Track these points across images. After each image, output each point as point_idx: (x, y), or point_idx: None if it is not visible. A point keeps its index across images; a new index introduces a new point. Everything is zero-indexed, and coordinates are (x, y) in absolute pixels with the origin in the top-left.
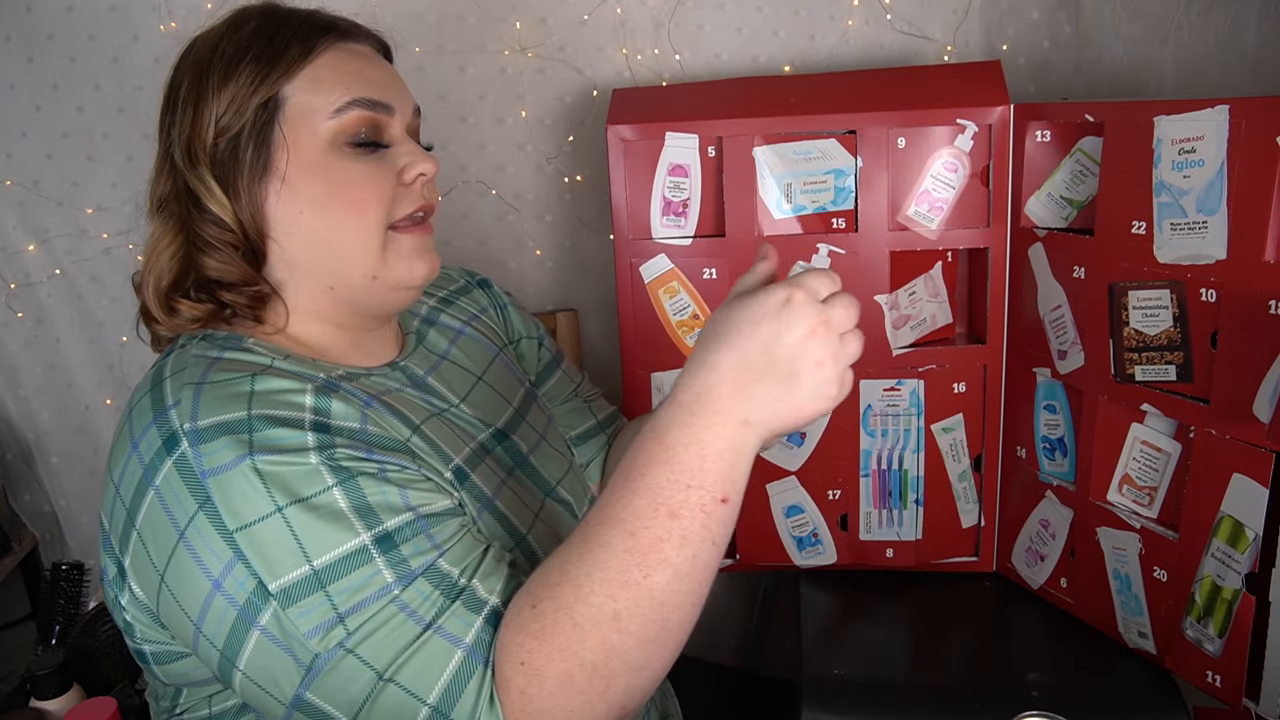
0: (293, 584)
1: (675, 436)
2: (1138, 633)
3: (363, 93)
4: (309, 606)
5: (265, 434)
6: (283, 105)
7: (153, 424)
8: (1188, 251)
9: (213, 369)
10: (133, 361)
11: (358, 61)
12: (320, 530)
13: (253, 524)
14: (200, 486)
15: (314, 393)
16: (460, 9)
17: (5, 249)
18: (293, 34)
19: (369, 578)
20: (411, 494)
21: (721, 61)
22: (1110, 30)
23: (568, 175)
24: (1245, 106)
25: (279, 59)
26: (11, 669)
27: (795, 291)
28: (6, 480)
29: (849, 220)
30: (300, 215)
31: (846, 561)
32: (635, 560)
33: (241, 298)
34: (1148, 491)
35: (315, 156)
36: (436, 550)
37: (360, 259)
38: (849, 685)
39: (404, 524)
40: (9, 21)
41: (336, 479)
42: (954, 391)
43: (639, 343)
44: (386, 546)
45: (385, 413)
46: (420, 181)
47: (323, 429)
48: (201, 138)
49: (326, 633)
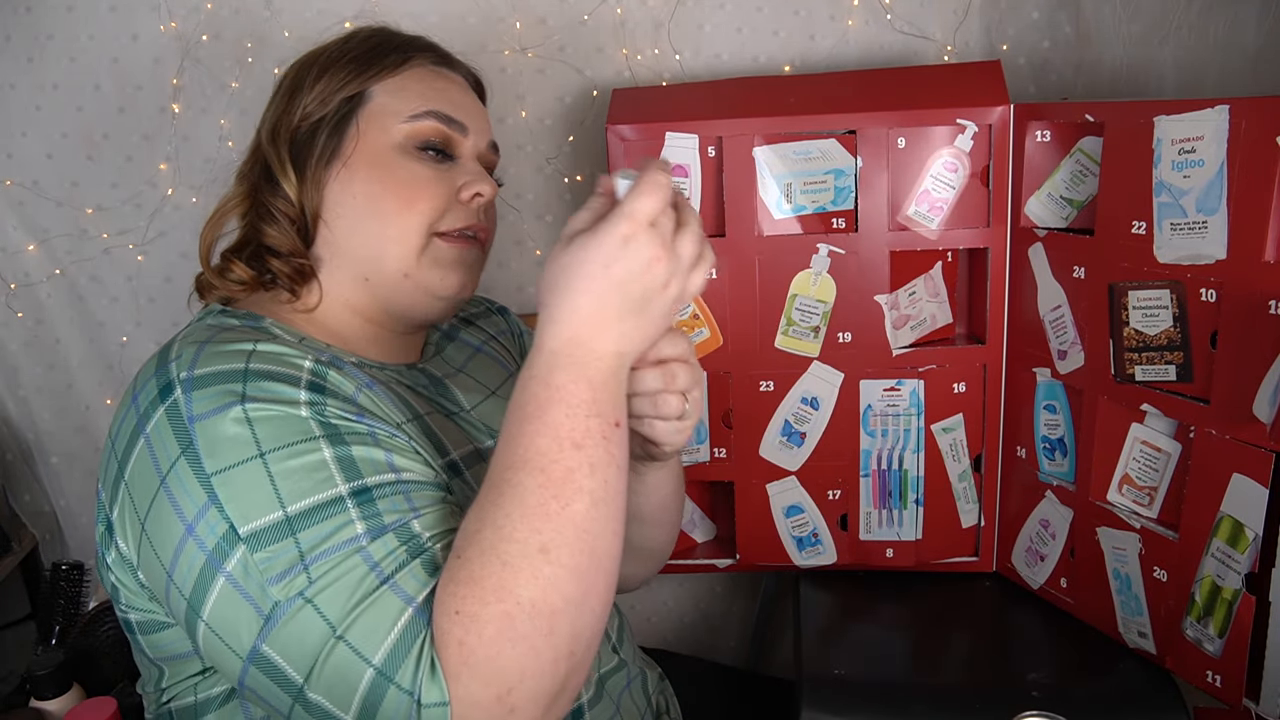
0: (263, 528)
1: (560, 378)
2: (1138, 633)
3: (441, 107)
4: (276, 552)
5: (259, 384)
6: (366, 101)
7: (153, 376)
8: (1188, 251)
9: (220, 334)
10: (133, 361)
11: (445, 81)
12: (299, 477)
13: (231, 468)
14: (185, 431)
15: (314, 361)
16: (460, 9)
17: (5, 249)
18: (393, 47)
19: (339, 527)
20: (397, 458)
21: (721, 61)
22: (1110, 30)
23: (568, 175)
24: (1245, 106)
25: (374, 63)
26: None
27: (631, 227)
28: (6, 480)
29: (849, 220)
30: (353, 199)
31: (846, 561)
32: (551, 493)
33: (286, 266)
34: (1148, 491)
35: (381, 151)
36: (413, 512)
37: (397, 253)
38: (849, 685)
39: (384, 483)
40: (9, 21)
41: (324, 431)
42: (954, 391)
43: None
44: (363, 499)
45: (383, 396)
46: (476, 202)
47: (317, 388)
48: (288, 120)
49: (290, 580)
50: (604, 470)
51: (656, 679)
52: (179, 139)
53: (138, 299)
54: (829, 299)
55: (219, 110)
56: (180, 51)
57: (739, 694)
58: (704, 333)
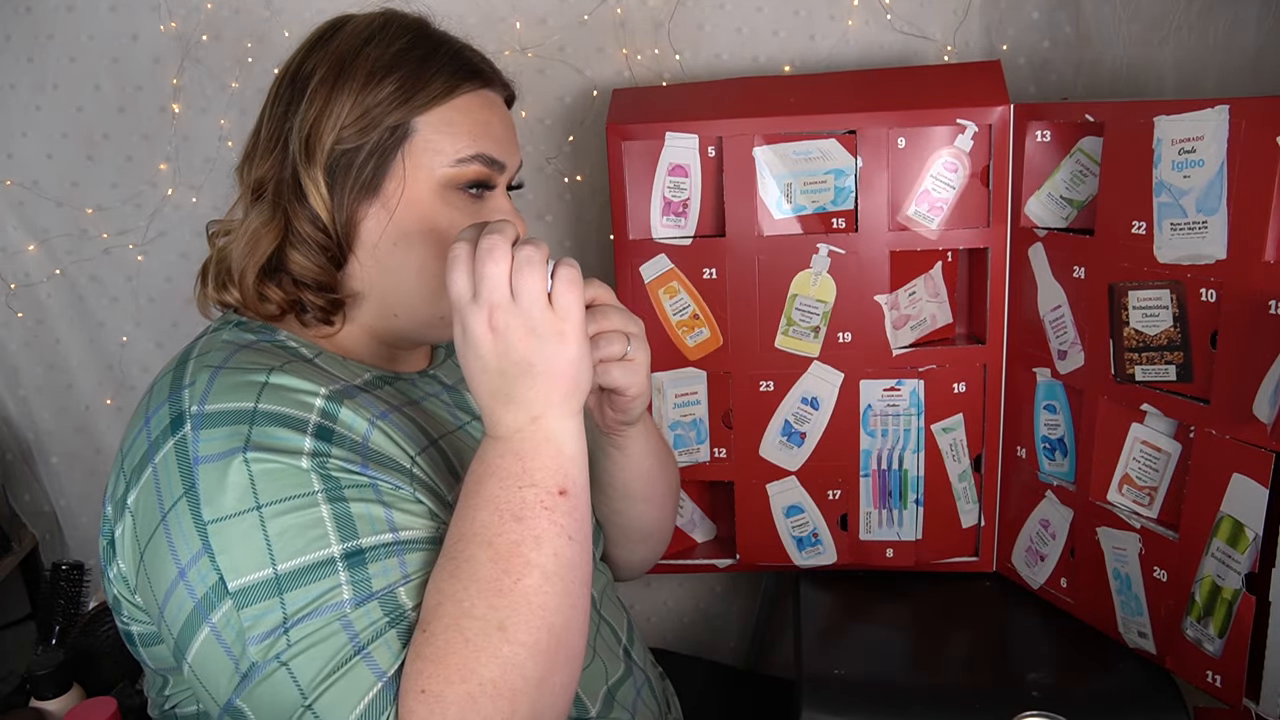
0: (251, 585)
1: (491, 453)
2: (1138, 633)
3: (487, 149)
4: (261, 611)
5: (265, 430)
6: (411, 135)
7: (166, 402)
8: (1188, 251)
9: (235, 356)
10: (133, 361)
11: (489, 113)
12: (293, 535)
13: (228, 518)
14: (190, 472)
15: (327, 396)
16: (460, 9)
17: (5, 249)
18: (441, 67)
19: (327, 590)
20: (397, 515)
21: (721, 61)
22: (1110, 30)
23: (568, 175)
24: (1245, 106)
25: (422, 89)
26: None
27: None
28: (6, 480)
29: (849, 220)
30: (393, 246)
31: (846, 561)
32: (501, 568)
33: (320, 299)
34: (1148, 491)
35: (424, 195)
36: (403, 579)
37: (435, 301)
38: (849, 685)
39: (379, 544)
40: (9, 21)
41: (324, 486)
42: (954, 391)
43: None
44: (355, 562)
45: (399, 427)
46: None
47: (324, 435)
48: (323, 137)
49: (270, 642)
50: (551, 542)
51: (658, 678)
52: (179, 139)
53: (138, 299)
54: (829, 299)
55: (219, 110)
56: (180, 51)
57: (739, 694)
58: (704, 333)
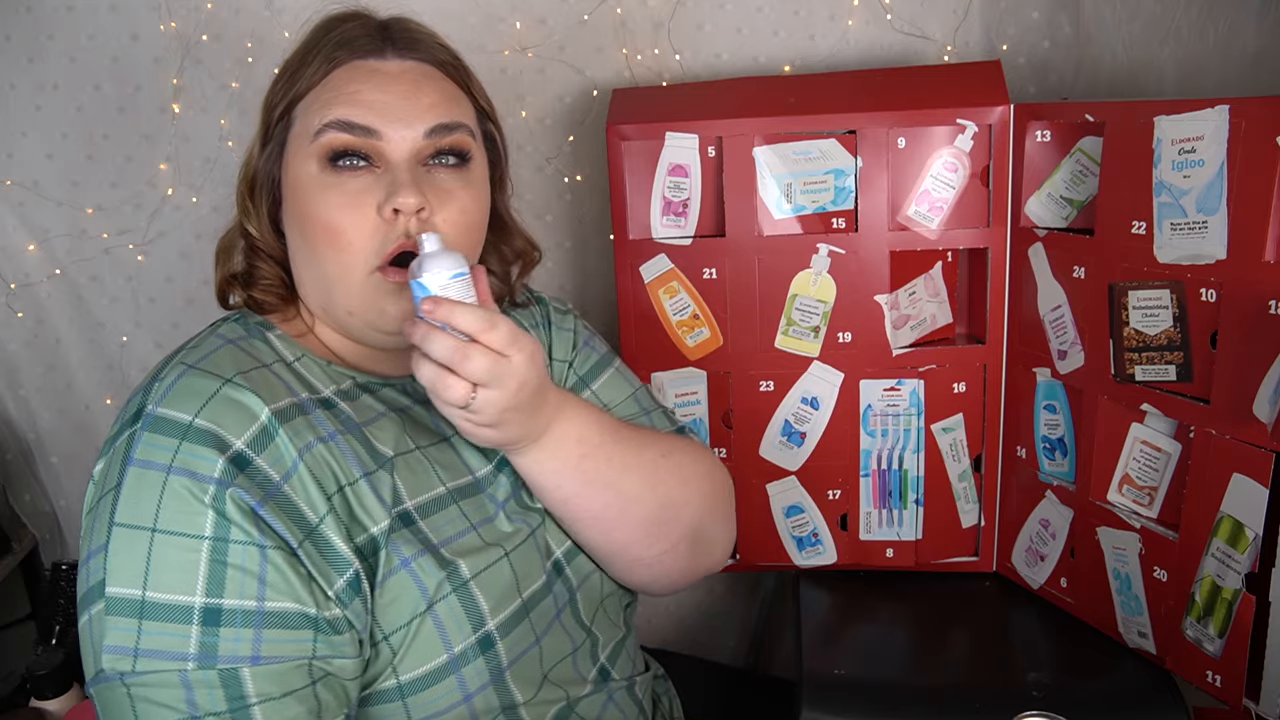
0: (120, 598)
1: None
2: (1138, 633)
3: (343, 115)
4: (120, 625)
5: (190, 448)
6: (292, 125)
7: (142, 390)
8: (1188, 251)
9: (212, 355)
10: (133, 361)
11: (364, 80)
12: (169, 569)
13: (128, 527)
14: (123, 469)
15: (272, 414)
16: (460, 9)
17: (5, 249)
18: (321, 49)
19: (177, 636)
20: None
21: (721, 61)
22: (1110, 30)
23: (568, 175)
24: (1245, 106)
25: (302, 76)
26: (11, 669)
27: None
28: (6, 480)
29: (849, 220)
30: (294, 236)
31: (846, 561)
32: None
33: (269, 295)
34: (1148, 491)
35: (304, 181)
36: (251, 656)
37: (338, 292)
38: (849, 685)
39: (240, 610)
40: (9, 21)
41: (214, 533)
42: (954, 391)
43: (639, 343)
44: (209, 620)
45: (345, 451)
46: (401, 218)
47: (241, 462)
48: (251, 155)
49: (118, 657)
50: None
51: (649, 680)
52: (179, 139)
53: (138, 299)
54: (829, 299)
55: (219, 110)
56: (180, 51)
57: (739, 694)
58: (704, 333)
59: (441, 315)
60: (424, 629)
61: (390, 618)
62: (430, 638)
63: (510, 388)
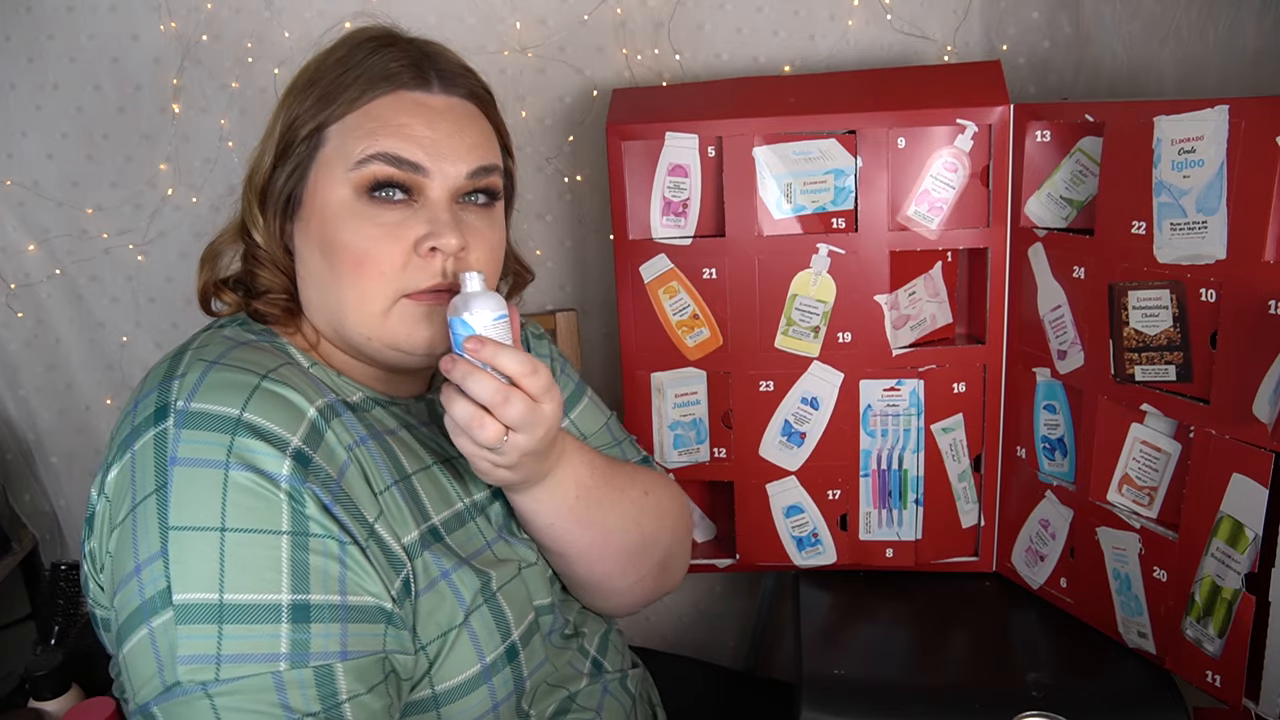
0: (195, 604)
1: None
2: (1138, 633)
3: (392, 148)
4: (197, 633)
5: (246, 444)
6: (322, 146)
7: (156, 389)
8: (1188, 251)
9: (233, 352)
10: (133, 361)
11: (409, 115)
12: (248, 568)
13: (190, 529)
14: (165, 469)
15: (319, 410)
16: (460, 9)
17: (5, 249)
18: (361, 73)
19: (266, 636)
20: (350, 577)
21: (721, 61)
22: (1110, 30)
23: (568, 175)
24: (1245, 106)
25: (337, 96)
26: (11, 669)
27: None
28: (6, 480)
29: (849, 220)
30: (314, 258)
31: (846, 561)
32: None
33: (274, 308)
34: (1148, 491)
35: (335, 205)
36: (340, 651)
37: (357, 316)
38: (849, 685)
39: (327, 604)
40: (9, 21)
41: (291, 526)
42: (954, 391)
43: (639, 343)
44: (299, 617)
45: (374, 457)
46: (439, 256)
47: (302, 460)
48: (262, 162)
49: (199, 667)
50: None
51: (640, 675)
52: (179, 139)
53: (138, 299)
54: (829, 299)
55: (219, 110)
56: (180, 51)
57: (738, 695)
58: (704, 333)
59: (486, 356)
60: (460, 640)
61: (428, 629)
62: (465, 648)
63: (538, 434)
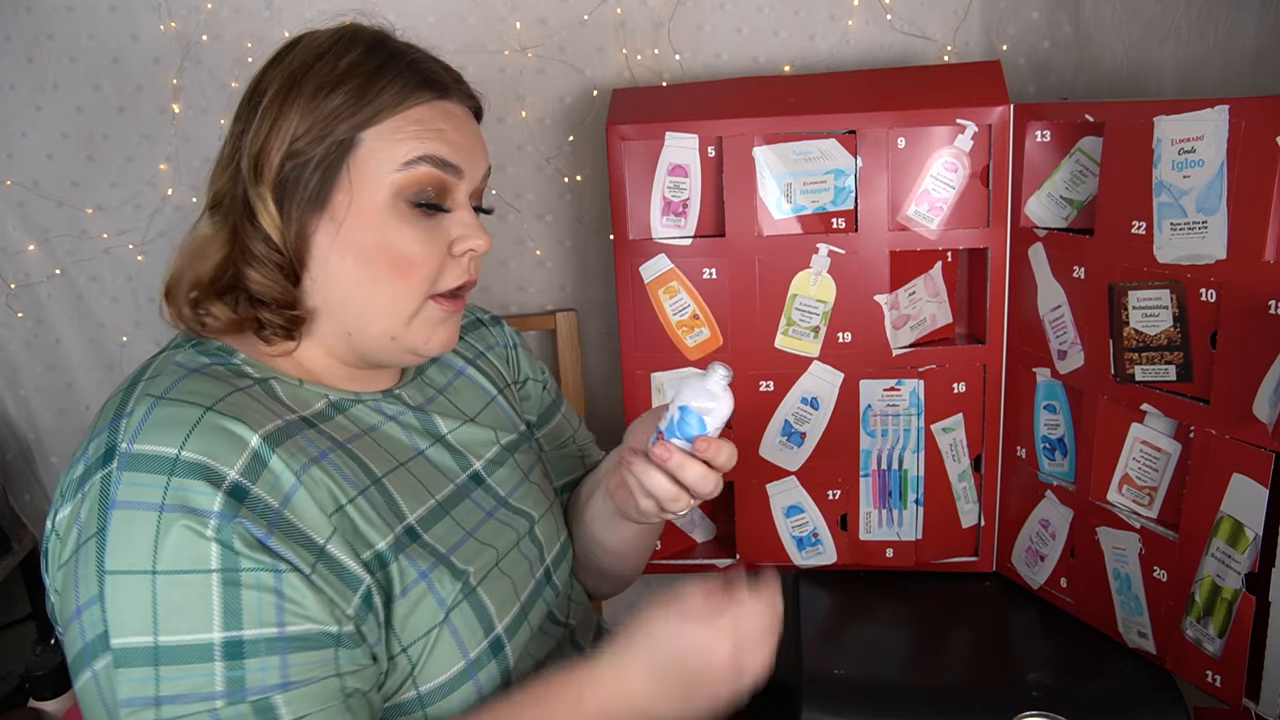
0: (131, 648)
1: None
2: (1138, 633)
3: (437, 150)
4: (135, 676)
5: (182, 483)
6: (356, 147)
7: (106, 428)
8: (1188, 251)
9: (181, 384)
10: (133, 361)
11: (443, 121)
12: (179, 610)
13: (123, 573)
14: (105, 514)
15: (263, 438)
16: (460, 9)
17: (5, 249)
18: (393, 78)
19: (201, 677)
20: (288, 607)
21: (721, 61)
22: (1110, 30)
23: (568, 175)
24: (1245, 106)
25: (371, 100)
26: (11, 669)
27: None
28: (6, 480)
29: (849, 220)
30: (343, 260)
31: (846, 561)
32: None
33: (279, 318)
34: (1148, 491)
35: (375, 208)
36: (281, 684)
37: (387, 319)
38: (849, 685)
39: (262, 638)
40: (9, 21)
41: (221, 564)
42: (954, 391)
43: (639, 343)
44: (232, 654)
45: (337, 470)
46: (469, 256)
47: (238, 494)
48: (270, 156)
49: (139, 710)
50: None
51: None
52: (179, 139)
53: (138, 299)
54: (829, 299)
55: (219, 110)
56: (180, 51)
57: None
58: (704, 333)
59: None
60: (441, 639)
61: (408, 630)
62: (448, 647)
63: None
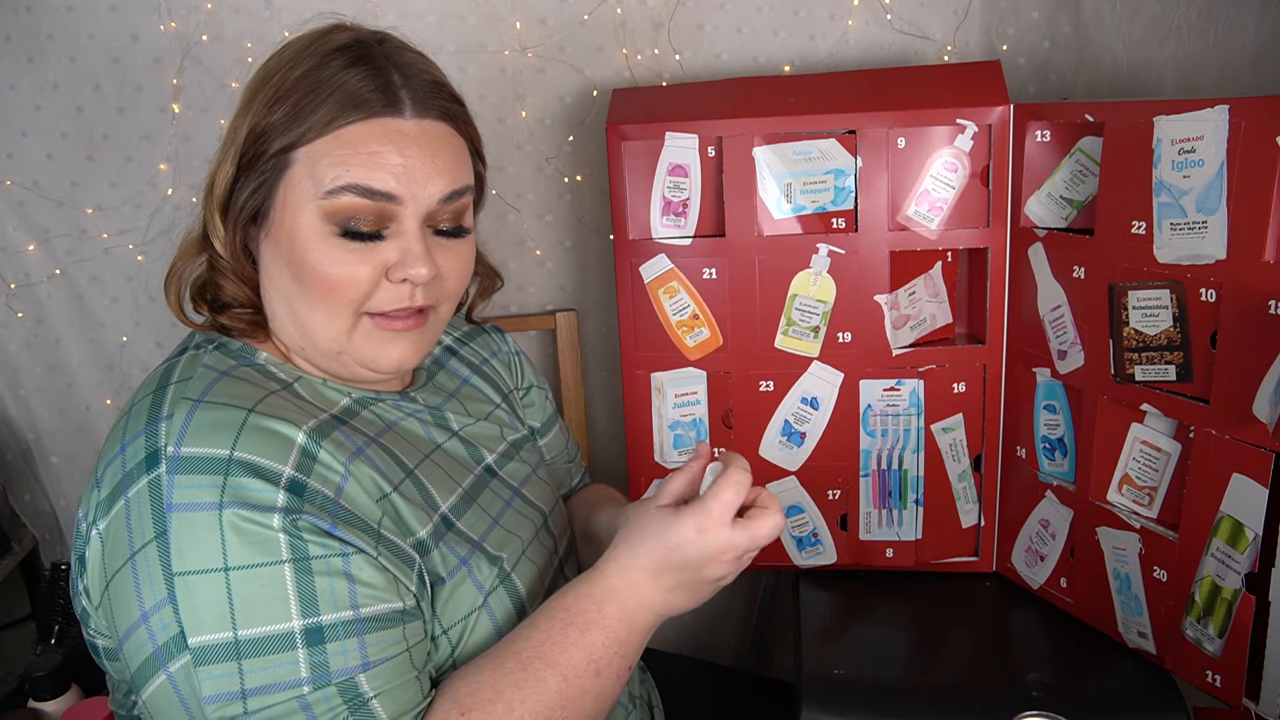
0: (211, 645)
1: (611, 611)
2: (1138, 633)
3: (363, 179)
4: (218, 673)
5: (240, 482)
6: (291, 166)
7: (142, 432)
8: (1187, 251)
9: (215, 387)
10: (133, 361)
11: (384, 142)
12: (256, 603)
13: (195, 573)
14: (162, 516)
15: (308, 434)
16: (460, 9)
17: (5, 249)
18: (329, 96)
19: (285, 665)
20: (360, 589)
21: (721, 61)
22: (1110, 30)
23: (568, 175)
24: (1245, 106)
25: (305, 119)
26: (11, 669)
27: (707, 522)
28: (6, 480)
29: (849, 220)
30: (282, 275)
31: (846, 561)
32: (562, 702)
33: (239, 322)
34: (1148, 491)
35: (301, 229)
36: (362, 664)
37: (324, 333)
38: (849, 685)
39: (340, 622)
40: (9, 21)
41: (291, 555)
42: (954, 391)
43: (639, 343)
44: (313, 640)
45: (377, 461)
46: (407, 287)
47: (296, 489)
48: (224, 165)
49: (226, 705)
50: (607, 699)
51: (639, 677)
52: (179, 139)
53: (138, 299)
54: (829, 299)
55: (219, 110)
56: (180, 51)
57: (739, 694)
58: (704, 333)
59: None
60: (480, 622)
61: (448, 614)
62: (486, 629)
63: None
